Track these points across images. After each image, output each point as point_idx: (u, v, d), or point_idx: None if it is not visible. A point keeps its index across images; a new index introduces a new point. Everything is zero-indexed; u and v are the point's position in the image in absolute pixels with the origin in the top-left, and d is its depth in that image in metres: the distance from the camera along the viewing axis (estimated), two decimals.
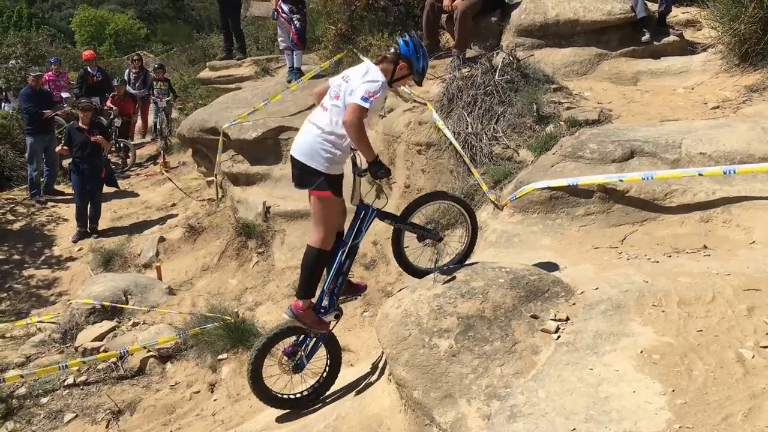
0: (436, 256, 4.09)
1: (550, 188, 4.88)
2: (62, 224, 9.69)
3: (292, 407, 4.19)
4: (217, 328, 5.93)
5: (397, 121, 6.90)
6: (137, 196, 10.56)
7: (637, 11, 7.18)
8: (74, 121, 9.51)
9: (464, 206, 4.28)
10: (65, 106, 11.54)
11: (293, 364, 4.15)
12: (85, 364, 5.89)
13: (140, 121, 13.57)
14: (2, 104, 12.86)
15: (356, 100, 3.63)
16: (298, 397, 4.20)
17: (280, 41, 9.54)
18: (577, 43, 7.37)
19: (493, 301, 3.43)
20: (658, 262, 3.95)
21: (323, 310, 4.06)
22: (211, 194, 9.20)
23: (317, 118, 3.89)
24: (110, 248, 8.63)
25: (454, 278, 3.61)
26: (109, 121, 11.51)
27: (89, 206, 9.14)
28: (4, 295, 8.18)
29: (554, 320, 3.35)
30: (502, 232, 4.91)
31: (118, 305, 6.76)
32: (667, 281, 3.55)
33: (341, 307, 4.17)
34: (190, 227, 8.67)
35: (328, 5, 9.43)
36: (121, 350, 5.95)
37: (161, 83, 12.73)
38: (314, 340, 4.16)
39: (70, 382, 5.86)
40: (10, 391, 5.72)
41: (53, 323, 6.99)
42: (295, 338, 4.17)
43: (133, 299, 6.94)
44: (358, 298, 4.75)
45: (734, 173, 4.43)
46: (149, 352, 6.02)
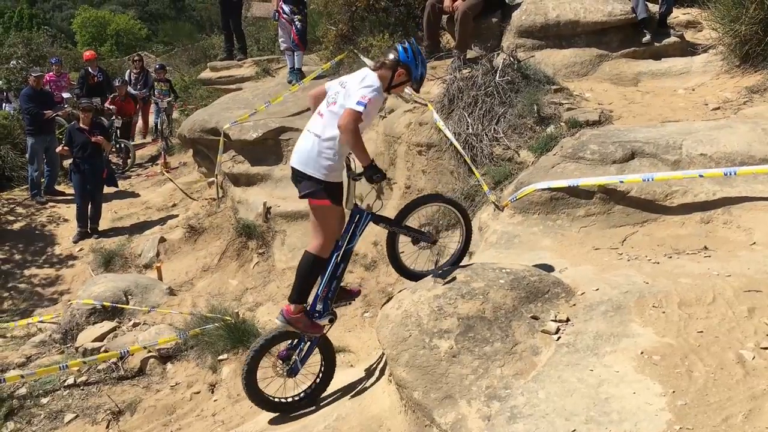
0: (436, 257, 4.10)
1: (550, 189, 4.88)
2: (63, 224, 9.68)
3: (286, 411, 4.18)
4: (217, 328, 5.93)
5: (397, 121, 6.90)
6: (138, 196, 10.56)
7: (637, 12, 7.19)
8: (75, 121, 9.51)
9: (458, 208, 4.29)
10: (66, 106, 11.53)
11: (288, 368, 4.15)
12: (85, 364, 5.88)
13: (141, 121, 13.60)
14: (3, 104, 12.86)
15: (351, 104, 3.63)
16: (291, 401, 4.20)
17: (281, 42, 9.55)
18: (577, 44, 7.38)
19: (493, 302, 3.43)
20: (658, 263, 3.94)
21: (317, 314, 4.05)
22: (211, 194, 9.21)
23: (314, 126, 3.87)
24: (111, 248, 8.63)
25: (454, 279, 3.61)
26: (109, 121, 11.51)
27: (90, 206, 9.14)
28: (5, 294, 8.18)
29: (554, 321, 3.36)
30: (502, 232, 4.90)
31: (118, 305, 6.76)
32: (667, 282, 3.55)
33: (335, 311, 4.16)
34: (190, 228, 8.67)
35: (329, 6, 9.45)
36: (121, 350, 5.95)
37: (162, 84, 12.75)
38: (308, 344, 4.15)
39: (70, 382, 5.86)
40: (10, 391, 5.72)
41: (54, 323, 6.99)
42: (289, 342, 4.17)
43: (133, 300, 6.94)
44: (351, 303, 4.75)
45: (735, 174, 4.43)
46: (150, 352, 6.01)
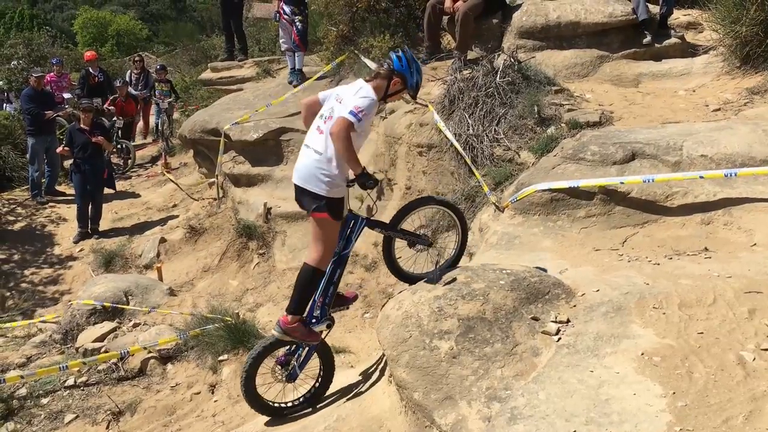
0: (436, 258, 4.10)
1: (551, 190, 4.88)
2: (63, 225, 9.68)
3: (284, 416, 4.17)
4: (217, 329, 5.92)
5: (398, 122, 6.90)
6: (138, 197, 10.56)
7: (638, 13, 7.18)
8: (75, 122, 9.51)
9: (453, 210, 4.28)
10: (67, 107, 11.52)
11: (286, 373, 4.15)
12: (85, 364, 5.88)
13: (142, 122, 13.61)
14: (4, 105, 12.86)
15: (344, 113, 3.62)
16: (290, 405, 4.19)
17: (281, 42, 9.56)
18: (578, 45, 7.38)
19: (493, 302, 3.43)
20: (659, 264, 3.94)
21: (315, 320, 4.04)
22: (212, 195, 9.21)
23: (314, 142, 3.84)
24: (111, 249, 8.63)
25: (454, 280, 3.61)
26: (111, 122, 11.52)
27: (90, 207, 9.14)
28: (7, 294, 8.18)
29: (555, 322, 3.36)
30: (503, 233, 4.90)
31: (118, 306, 6.76)
32: (668, 283, 3.55)
33: (332, 316, 4.16)
34: (191, 228, 8.67)
35: (329, 7, 9.44)
36: (121, 351, 5.94)
37: (163, 84, 12.77)
38: (307, 349, 4.15)
39: (70, 382, 5.85)
40: (10, 391, 5.72)
41: (54, 323, 6.99)
42: (287, 348, 4.16)
43: (133, 300, 6.94)
44: (348, 308, 4.75)
45: (735, 176, 4.42)
46: (150, 352, 6.01)
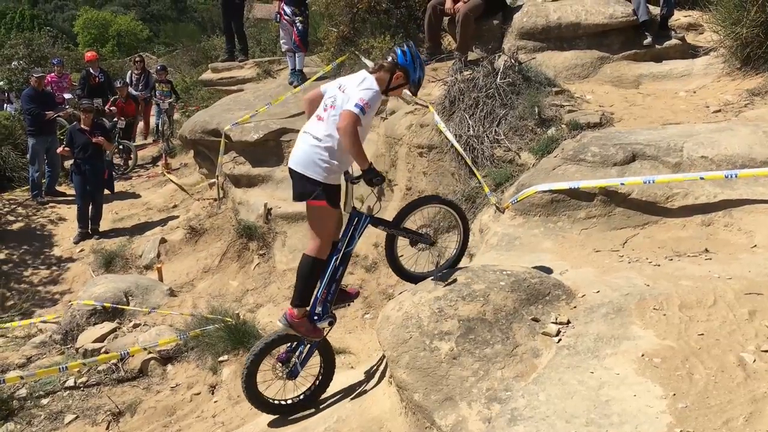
0: (437, 259, 4.09)
1: (551, 191, 4.88)
2: (63, 225, 9.68)
3: (285, 413, 4.18)
4: (217, 329, 5.92)
5: (398, 123, 6.90)
6: (139, 197, 10.56)
7: (639, 14, 7.19)
8: (76, 122, 9.52)
9: (455, 209, 4.28)
10: (67, 107, 11.54)
11: (287, 370, 4.15)
12: (85, 365, 5.88)
13: (142, 122, 13.61)
14: (5, 105, 12.87)
15: (350, 107, 3.62)
16: (291, 403, 4.19)
17: (282, 43, 9.56)
18: (578, 46, 7.38)
19: (494, 303, 3.43)
20: (659, 265, 3.94)
21: (317, 317, 4.04)
22: (212, 195, 9.21)
23: (313, 128, 3.86)
24: (111, 249, 8.63)
25: (455, 281, 3.60)
26: (112, 123, 11.52)
27: (90, 207, 9.14)
28: (8, 294, 8.18)
29: (555, 323, 3.35)
30: (503, 234, 4.90)
31: (119, 306, 6.76)
32: (668, 285, 3.55)
33: (335, 313, 4.16)
34: (191, 229, 8.67)
35: (330, 8, 9.46)
36: (121, 352, 5.94)
37: (163, 85, 12.78)
38: (308, 346, 4.16)
39: (70, 383, 5.85)
40: (10, 392, 5.72)
41: (55, 323, 6.99)
42: (288, 345, 4.17)
43: (134, 300, 6.94)
44: (350, 304, 4.75)
45: (736, 177, 4.42)
46: (150, 353, 6.00)
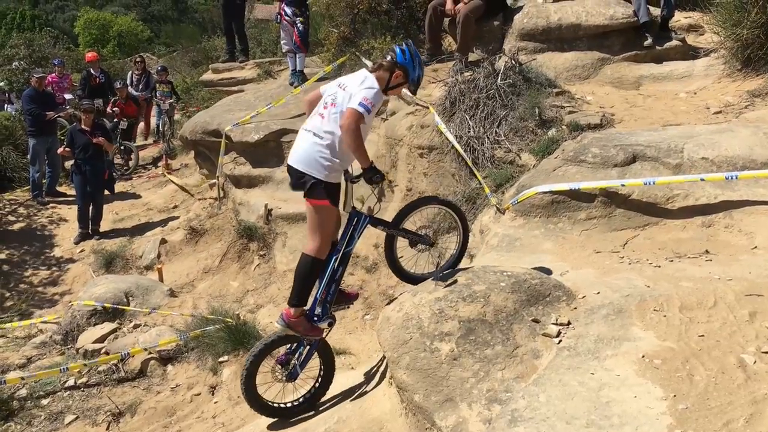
0: (437, 259, 4.09)
1: (552, 192, 4.88)
2: (64, 225, 9.68)
3: (284, 416, 4.15)
4: (218, 330, 5.92)
5: (399, 124, 6.90)
6: (139, 197, 10.57)
7: (639, 16, 7.19)
8: (76, 122, 9.52)
9: (455, 210, 4.28)
10: (68, 107, 11.54)
11: (287, 372, 4.13)
12: (86, 366, 5.89)
13: (143, 123, 13.61)
14: (5, 105, 12.88)
15: (354, 105, 3.62)
16: (290, 405, 4.17)
17: (282, 44, 9.56)
18: (579, 47, 7.38)
19: (494, 304, 3.43)
20: (659, 266, 3.94)
21: (316, 317, 4.03)
22: (213, 196, 9.21)
23: (314, 126, 3.86)
24: (112, 250, 8.63)
25: (455, 282, 3.60)
26: (113, 123, 11.52)
27: (91, 208, 9.14)
28: (7, 295, 8.18)
29: (555, 324, 3.35)
30: (503, 235, 4.90)
31: (119, 307, 6.76)
32: (668, 286, 3.55)
33: (334, 314, 4.15)
34: (191, 229, 8.67)
35: (330, 8, 9.45)
36: (122, 352, 5.94)
37: (164, 85, 12.79)
38: (308, 348, 4.14)
39: (70, 383, 5.85)
40: (10, 392, 5.72)
41: (55, 324, 7.00)
42: (288, 346, 4.15)
43: (134, 301, 6.94)
44: (349, 306, 4.73)
45: (736, 178, 4.42)
46: (150, 354, 6.00)
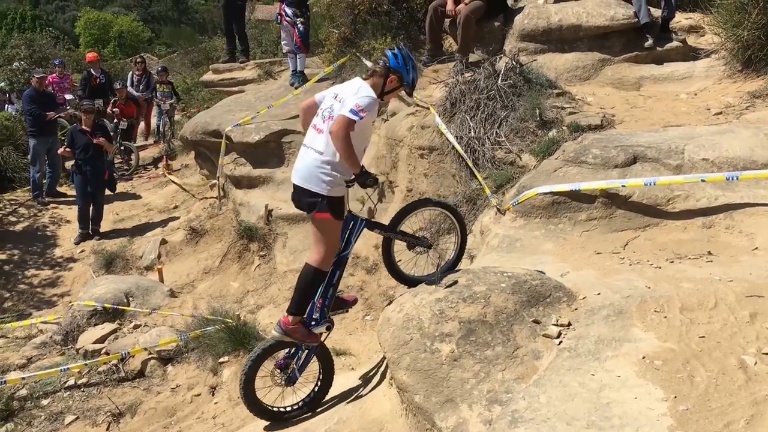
0: (437, 261, 4.09)
1: (552, 193, 4.88)
2: (64, 226, 9.69)
3: (284, 420, 4.14)
4: (218, 330, 5.92)
5: (399, 125, 6.90)
6: (139, 198, 10.57)
7: (640, 17, 7.18)
8: (77, 123, 9.53)
9: (452, 211, 4.27)
10: (68, 108, 11.55)
11: (286, 376, 4.13)
12: (86, 366, 5.89)
13: (143, 123, 13.62)
14: (6, 106, 12.89)
15: (345, 112, 3.61)
16: (290, 410, 4.16)
17: (283, 44, 9.58)
18: (580, 48, 7.38)
19: (494, 305, 3.43)
20: (660, 267, 3.94)
21: (314, 322, 4.03)
22: (213, 194, 9.21)
23: (313, 141, 3.83)
24: (112, 250, 8.63)
25: (455, 283, 3.60)
26: (114, 124, 11.53)
27: (91, 208, 9.14)
28: (6, 295, 8.19)
29: (556, 325, 3.35)
30: (504, 236, 4.90)
31: (119, 307, 6.77)
32: (669, 287, 3.54)
33: (332, 318, 4.14)
34: (192, 230, 8.67)
35: (331, 9, 9.45)
36: (122, 352, 5.94)
37: (164, 86, 12.79)
38: (306, 352, 4.13)
39: (71, 383, 5.85)
40: (11, 392, 5.72)
41: (55, 324, 7.00)
42: (287, 351, 4.15)
43: (134, 301, 6.95)
44: (347, 311, 4.73)
45: (737, 179, 4.42)
46: (150, 354, 6.01)
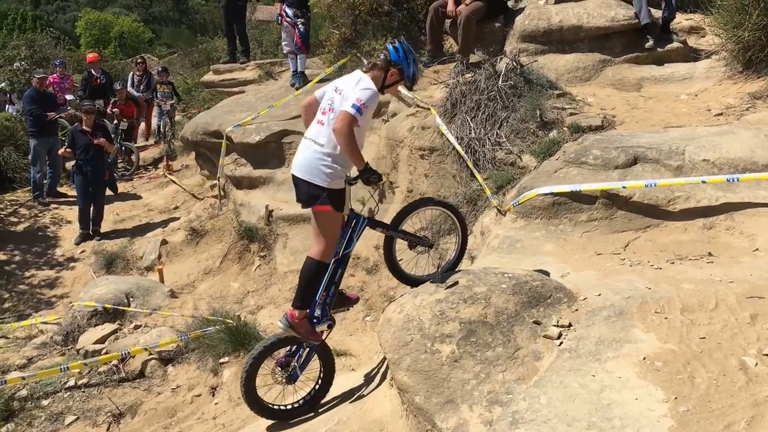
0: (438, 261, 4.09)
1: (553, 194, 4.87)
2: (65, 226, 9.70)
3: (285, 418, 4.15)
4: (218, 331, 5.92)
5: (400, 125, 6.90)
6: (140, 198, 10.58)
7: (640, 18, 7.18)
8: (77, 123, 9.53)
9: (453, 211, 4.27)
10: (69, 108, 11.56)
11: (287, 374, 4.13)
12: (86, 366, 5.88)
13: (143, 124, 13.62)
14: (6, 106, 12.89)
15: (347, 107, 3.62)
16: (290, 408, 4.16)
17: (284, 45, 9.57)
18: (580, 49, 7.37)
19: (495, 306, 3.42)
20: (660, 268, 3.94)
21: (316, 320, 4.03)
22: (213, 196, 9.22)
23: (314, 134, 3.85)
24: (113, 251, 8.64)
25: (456, 283, 3.60)
26: (114, 124, 11.53)
27: (92, 208, 9.15)
28: (7, 296, 8.19)
29: (556, 326, 3.35)
30: (504, 237, 4.90)
31: (120, 308, 6.77)
32: (670, 288, 3.54)
33: (333, 317, 4.15)
34: (192, 230, 8.68)
35: (332, 10, 9.46)
36: (122, 352, 5.94)
37: (165, 86, 12.80)
38: (307, 350, 4.13)
39: (71, 384, 5.85)
40: (11, 393, 5.72)
41: (56, 324, 7.00)
42: (288, 349, 4.15)
43: (135, 302, 6.95)
44: (349, 309, 4.74)
45: (738, 181, 4.42)
46: (151, 354, 6.01)
